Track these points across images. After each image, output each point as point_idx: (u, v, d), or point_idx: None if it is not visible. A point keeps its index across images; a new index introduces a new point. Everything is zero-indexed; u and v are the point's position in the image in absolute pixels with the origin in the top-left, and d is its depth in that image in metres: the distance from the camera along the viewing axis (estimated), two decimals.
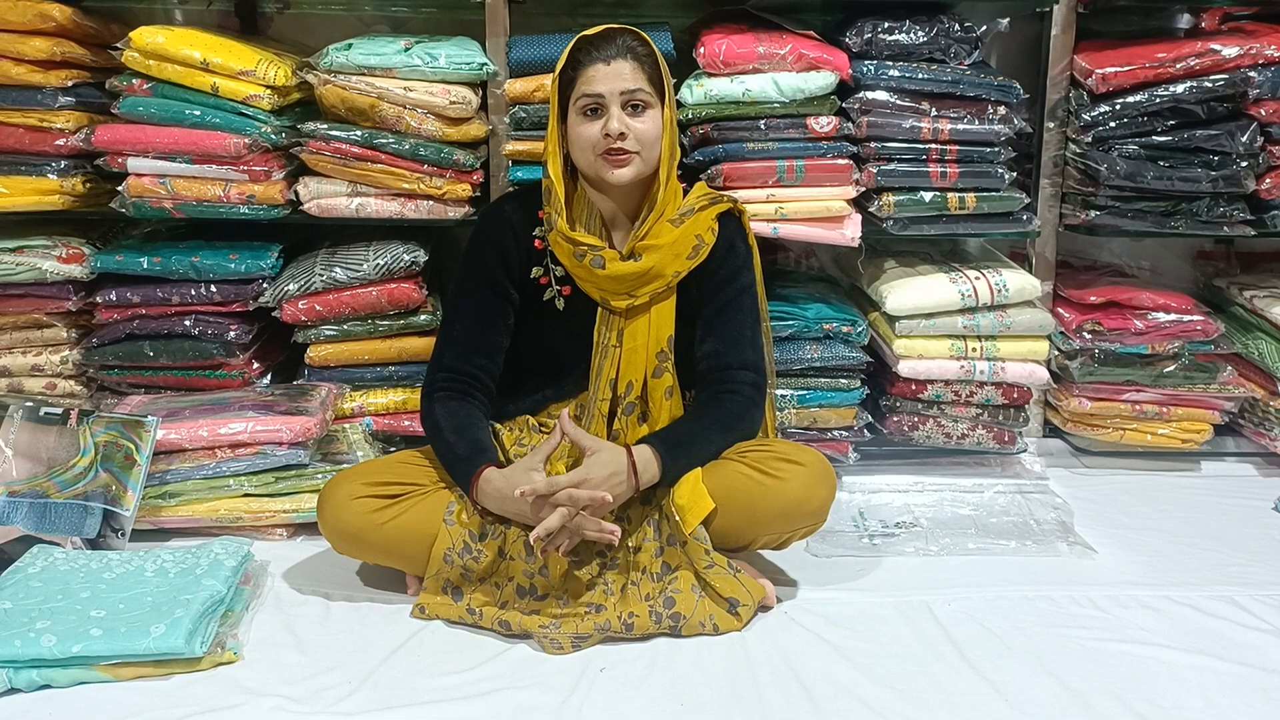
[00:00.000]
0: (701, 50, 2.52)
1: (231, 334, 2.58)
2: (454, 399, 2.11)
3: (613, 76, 2.02)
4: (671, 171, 2.11)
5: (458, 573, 2.00)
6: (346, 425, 2.55)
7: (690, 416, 2.13)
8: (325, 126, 2.52)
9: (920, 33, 2.57)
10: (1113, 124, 2.65)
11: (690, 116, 2.54)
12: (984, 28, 2.63)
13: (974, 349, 2.62)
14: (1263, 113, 2.65)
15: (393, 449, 2.58)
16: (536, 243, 2.15)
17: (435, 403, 2.11)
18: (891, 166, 2.58)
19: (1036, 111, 2.75)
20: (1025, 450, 2.76)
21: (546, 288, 2.15)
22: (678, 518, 1.98)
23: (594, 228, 2.12)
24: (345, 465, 2.37)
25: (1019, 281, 2.63)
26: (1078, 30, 2.73)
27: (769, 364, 2.24)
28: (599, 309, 2.13)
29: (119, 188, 2.56)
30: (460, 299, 2.19)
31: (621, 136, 2.02)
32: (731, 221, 2.19)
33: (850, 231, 2.58)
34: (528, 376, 2.21)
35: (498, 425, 2.20)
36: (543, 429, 2.20)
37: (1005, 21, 2.65)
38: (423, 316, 2.62)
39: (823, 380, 2.62)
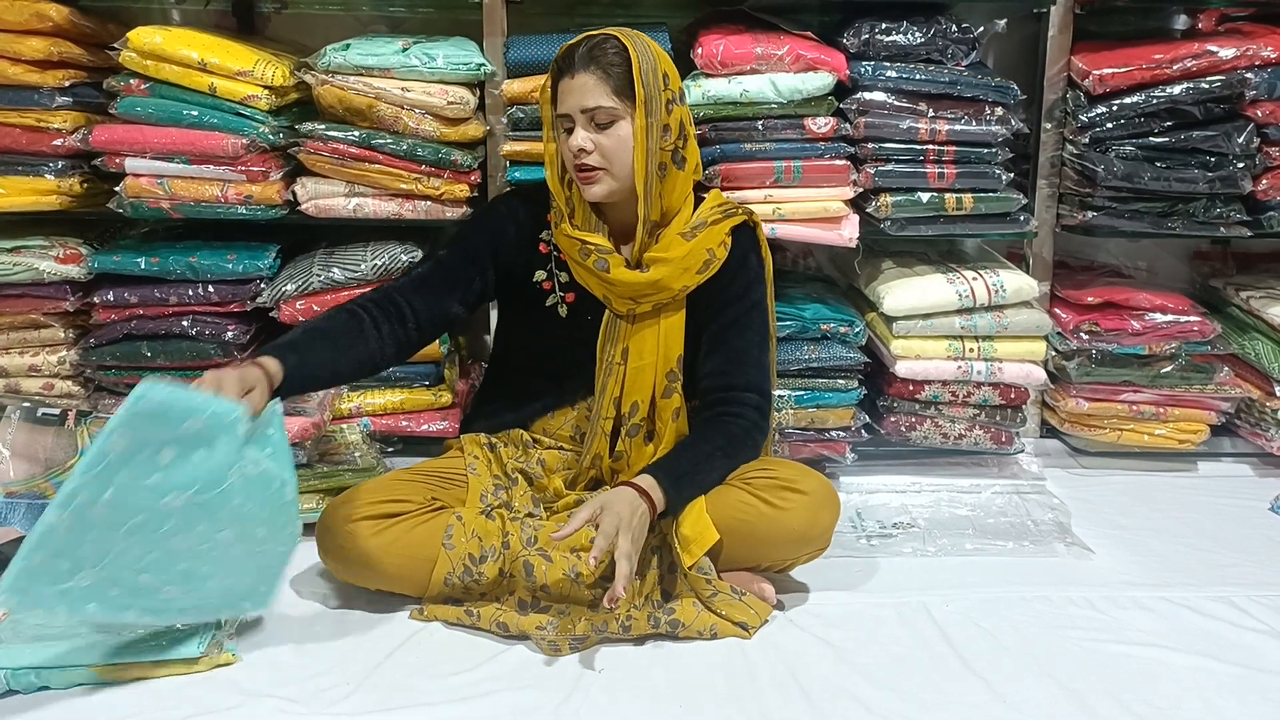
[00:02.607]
0: (699, 51, 2.52)
1: (229, 334, 2.58)
2: (355, 315, 2.00)
3: (575, 92, 1.96)
4: (652, 185, 2.00)
5: (459, 593, 1.99)
6: (344, 425, 2.54)
7: (693, 442, 2.08)
8: (323, 127, 2.52)
9: (917, 33, 2.58)
10: (1110, 125, 2.65)
11: None
12: (981, 29, 2.64)
13: (971, 349, 2.62)
14: (1259, 114, 2.66)
15: (390, 449, 2.58)
16: (541, 246, 2.13)
17: (345, 306, 2.04)
18: (889, 167, 2.58)
19: (1033, 112, 2.76)
20: (1022, 451, 2.76)
21: (550, 293, 2.13)
22: (680, 549, 1.95)
23: (601, 231, 2.08)
24: (343, 466, 2.38)
25: (1016, 282, 2.64)
26: (1075, 31, 2.73)
27: (773, 378, 2.19)
28: (603, 322, 2.10)
29: (116, 188, 2.55)
30: (441, 252, 2.19)
31: (584, 153, 1.97)
32: (746, 234, 2.14)
33: (848, 232, 2.58)
34: (527, 383, 2.19)
35: (493, 439, 2.19)
36: (537, 444, 2.19)
37: (1002, 22, 2.66)
38: None
39: (820, 380, 2.62)
